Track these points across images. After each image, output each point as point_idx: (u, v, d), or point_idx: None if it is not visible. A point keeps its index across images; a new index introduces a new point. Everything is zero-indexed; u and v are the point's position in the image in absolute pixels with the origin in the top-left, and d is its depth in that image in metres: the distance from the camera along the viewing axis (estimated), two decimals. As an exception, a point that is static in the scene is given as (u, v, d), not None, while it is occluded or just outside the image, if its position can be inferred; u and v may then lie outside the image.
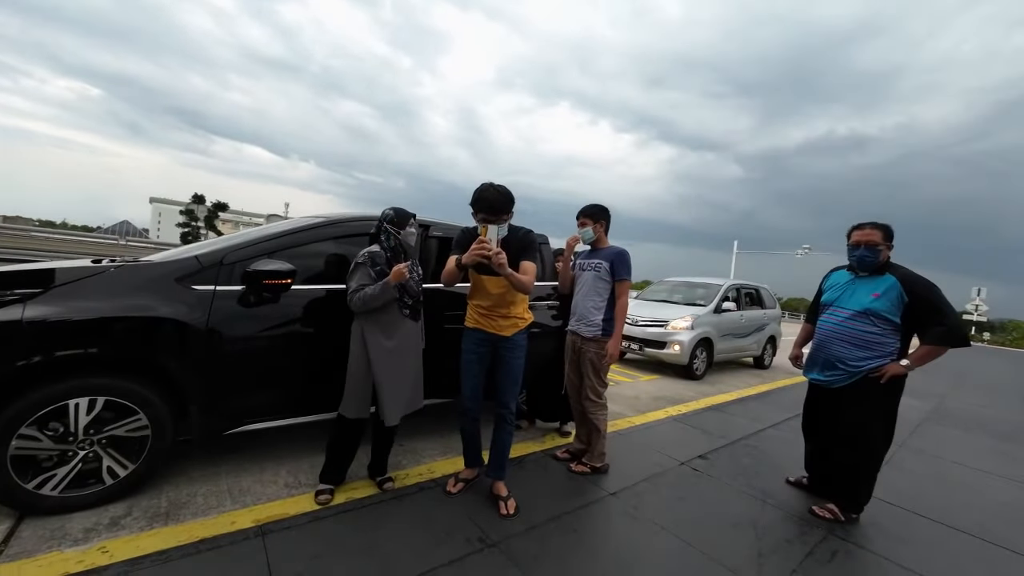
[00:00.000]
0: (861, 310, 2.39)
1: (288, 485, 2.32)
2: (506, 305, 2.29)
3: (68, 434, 1.89)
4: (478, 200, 2.18)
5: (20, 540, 1.71)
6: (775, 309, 8.60)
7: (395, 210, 2.33)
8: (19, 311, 1.81)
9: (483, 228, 2.05)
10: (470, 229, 2.37)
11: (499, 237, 2.06)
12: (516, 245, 2.27)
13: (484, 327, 2.31)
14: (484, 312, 2.30)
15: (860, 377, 2.38)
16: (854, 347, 2.40)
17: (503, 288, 2.24)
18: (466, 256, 2.07)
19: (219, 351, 2.22)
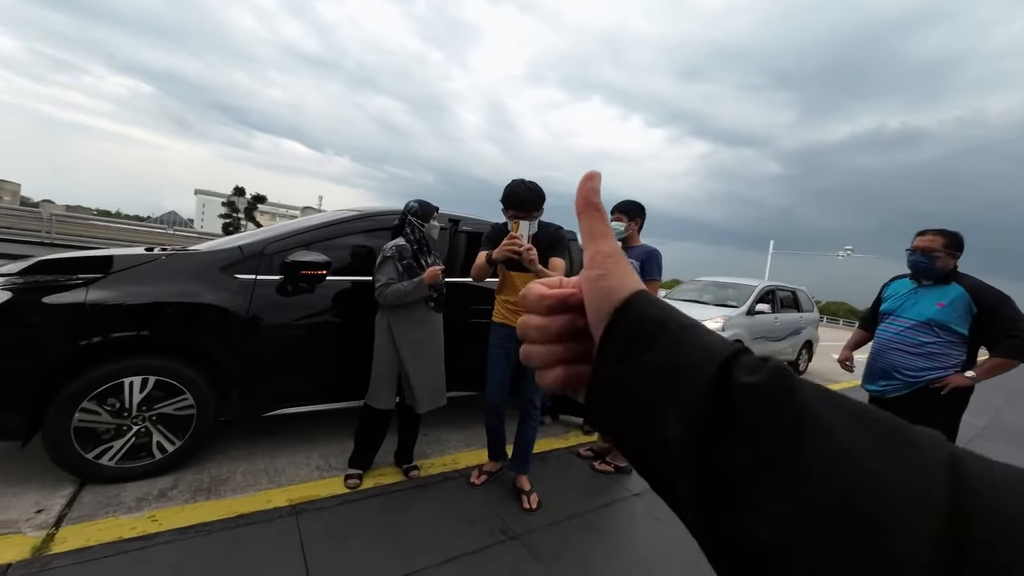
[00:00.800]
0: (924, 320, 2.26)
1: (319, 468, 2.41)
2: None
3: (123, 409, 2.04)
4: (509, 197, 2.18)
5: (81, 505, 1.86)
6: (812, 313, 8.23)
7: (419, 202, 2.36)
8: (83, 294, 1.96)
9: (514, 224, 2.06)
10: (500, 225, 2.38)
11: (530, 234, 2.07)
12: (545, 241, 2.27)
13: (512, 323, 2.33)
14: (512, 308, 2.32)
15: (919, 387, 2.26)
16: (914, 357, 2.28)
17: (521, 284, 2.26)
18: (496, 252, 2.09)
19: (258, 337, 2.33)
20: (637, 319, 0.27)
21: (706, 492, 0.22)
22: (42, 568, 1.46)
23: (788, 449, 0.20)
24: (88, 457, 1.97)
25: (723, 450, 0.22)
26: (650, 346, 0.26)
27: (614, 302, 0.28)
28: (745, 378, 0.22)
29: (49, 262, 2.10)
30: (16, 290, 1.93)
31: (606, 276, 0.29)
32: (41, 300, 1.92)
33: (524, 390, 2.36)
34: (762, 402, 0.22)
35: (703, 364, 0.23)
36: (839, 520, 0.18)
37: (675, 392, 0.24)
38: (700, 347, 0.24)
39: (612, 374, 0.27)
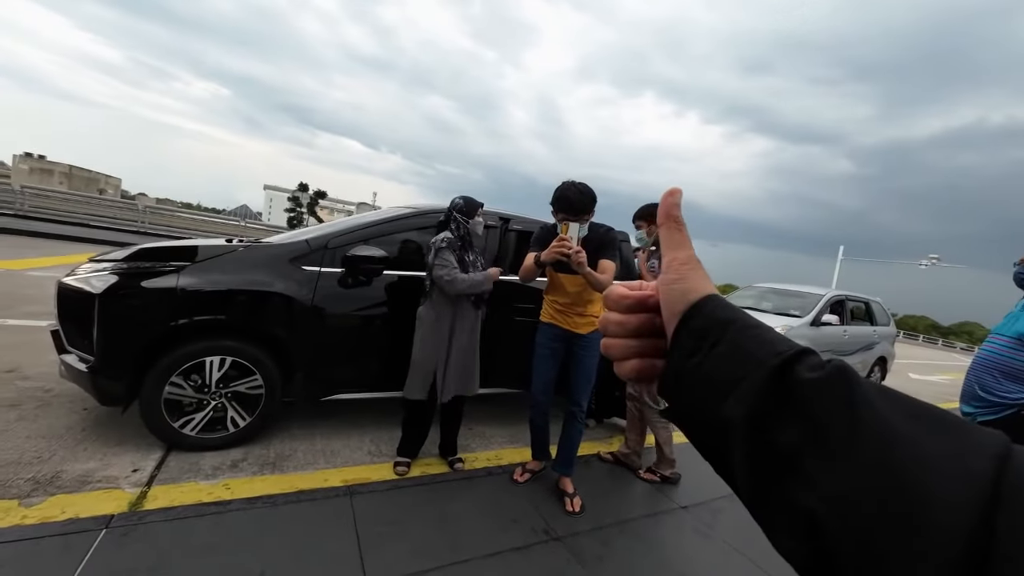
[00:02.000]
0: (1016, 336, 2.01)
1: (371, 453, 2.53)
2: (583, 303, 2.27)
3: (204, 385, 2.24)
4: (559, 199, 2.16)
5: (168, 468, 2.08)
6: (888, 327, 7.50)
7: (464, 199, 2.39)
8: (175, 280, 2.18)
9: (563, 226, 2.04)
10: (549, 226, 2.37)
11: (579, 236, 2.04)
12: (596, 243, 2.23)
13: (559, 323, 2.31)
14: (560, 309, 2.30)
15: (1011, 413, 2.01)
16: (1005, 378, 2.02)
17: (580, 286, 2.22)
18: (545, 254, 2.07)
19: (321, 325, 2.49)
20: (707, 317, 0.30)
21: (762, 468, 0.24)
22: (138, 521, 1.65)
23: (841, 431, 0.22)
24: (174, 426, 2.20)
25: (780, 431, 0.24)
26: (718, 341, 0.28)
27: (687, 302, 0.31)
28: (807, 374, 0.24)
29: (148, 250, 2.35)
30: (121, 274, 2.18)
31: (681, 280, 0.32)
32: (141, 284, 2.15)
33: (571, 391, 2.34)
34: (820, 393, 0.24)
35: (767, 358, 0.26)
36: (885, 493, 0.20)
37: (739, 380, 0.26)
38: (764, 343, 0.27)
39: (683, 365, 0.30)
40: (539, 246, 2.29)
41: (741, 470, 0.25)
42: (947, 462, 0.20)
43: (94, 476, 1.92)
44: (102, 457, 2.06)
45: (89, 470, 1.95)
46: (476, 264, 2.37)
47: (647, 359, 0.35)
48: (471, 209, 2.37)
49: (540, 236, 2.34)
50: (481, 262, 2.44)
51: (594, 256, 2.21)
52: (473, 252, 2.38)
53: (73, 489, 1.81)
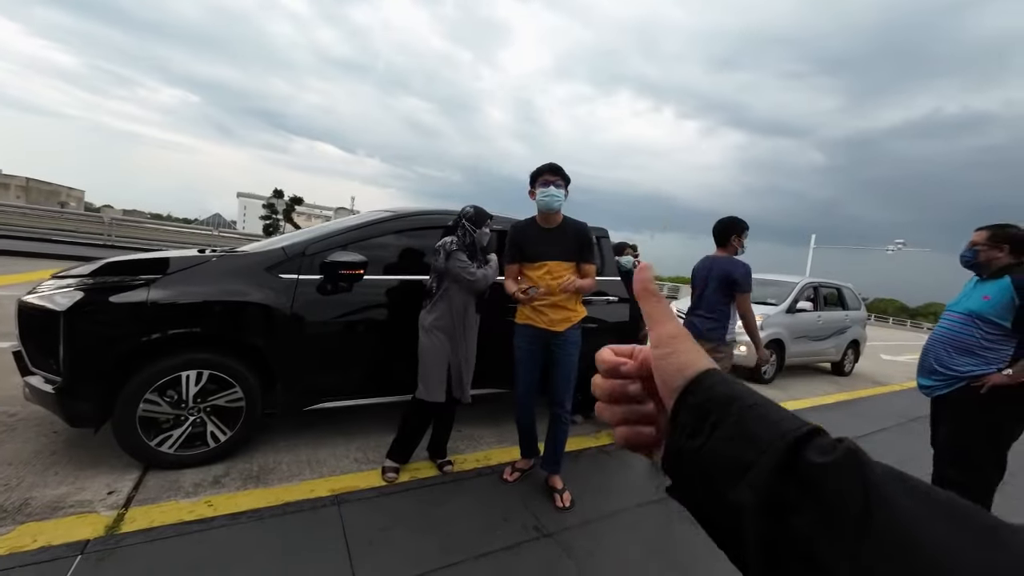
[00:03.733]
0: (966, 312, 2.13)
1: (358, 460, 2.50)
2: (563, 303, 2.30)
3: (181, 401, 2.18)
4: (541, 168, 2.29)
5: (146, 488, 2.01)
6: (859, 311, 7.79)
7: (475, 209, 2.43)
8: (145, 294, 2.11)
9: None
10: (521, 225, 2.40)
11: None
12: (575, 243, 2.30)
13: (535, 323, 2.32)
14: (535, 307, 2.31)
15: (961, 385, 2.12)
16: (957, 352, 2.14)
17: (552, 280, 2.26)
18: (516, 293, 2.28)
19: (301, 334, 2.44)
20: (707, 394, 0.29)
21: (775, 555, 0.24)
22: (116, 545, 1.59)
23: (857, 517, 0.22)
24: (151, 444, 2.12)
25: (793, 518, 0.23)
26: (720, 421, 0.28)
27: (684, 378, 0.30)
28: (818, 457, 0.24)
29: (115, 264, 2.27)
30: (87, 290, 2.10)
31: (674, 354, 0.32)
32: (109, 299, 2.07)
33: (553, 392, 2.36)
34: (832, 477, 0.23)
35: (774, 441, 0.25)
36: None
37: (747, 465, 0.26)
38: (770, 424, 0.27)
39: (684, 445, 0.29)
40: (516, 251, 2.36)
41: (754, 557, 0.25)
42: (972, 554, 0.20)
43: (67, 501, 1.84)
44: (74, 481, 1.98)
45: (61, 495, 1.87)
46: (485, 261, 2.44)
47: (635, 427, 0.35)
48: (480, 219, 2.40)
49: (516, 239, 2.38)
50: (492, 263, 2.50)
51: (574, 251, 2.28)
52: (477, 261, 2.40)
53: (44, 516, 1.73)
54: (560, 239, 2.33)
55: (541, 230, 2.35)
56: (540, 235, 2.34)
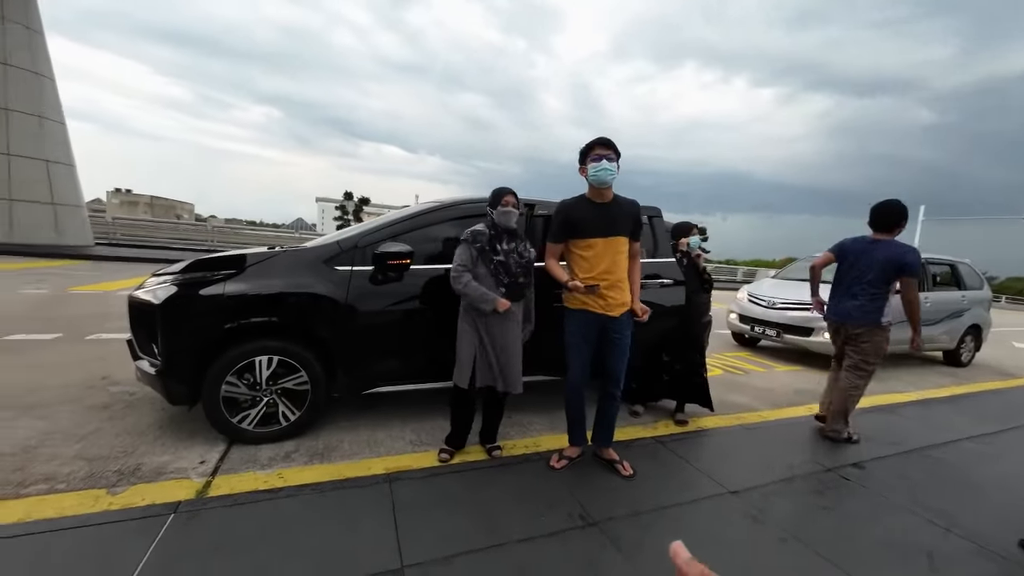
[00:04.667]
0: None
1: (412, 443, 2.62)
2: (619, 280, 2.22)
3: (256, 383, 2.42)
4: (592, 143, 2.21)
5: (230, 460, 2.27)
6: (981, 291, 6.61)
7: (493, 191, 2.40)
8: (222, 287, 2.36)
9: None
10: (570, 202, 2.32)
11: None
12: (627, 219, 2.26)
13: (591, 307, 2.26)
14: (602, 290, 2.24)
15: None
16: None
17: (613, 261, 2.23)
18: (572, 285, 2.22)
19: (356, 322, 2.59)
20: None
21: None
22: (202, 507, 1.81)
23: None
24: (233, 421, 2.39)
25: None
26: None
27: None
28: None
29: (201, 261, 2.56)
30: (179, 285, 2.39)
31: None
32: (197, 293, 2.35)
33: (609, 373, 2.32)
34: None
35: None
36: None
37: None
38: None
39: None
40: (564, 231, 2.28)
41: None
42: None
43: (168, 468, 2.13)
44: (175, 451, 2.29)
45: (164, 462, 2.17)
46: (514, 253, 2.33)
47: None
48: (495, 199, 2.37)
49: (565, 221, 2.29)
50: (526, 248, 2.40)
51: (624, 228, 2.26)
52: (511, 240, 2.35)
53: (151, 479, 2.03)
54: (614, 214, 2.25)
55: (593, 205, 2.27)
56: (593, 211, 2.26)
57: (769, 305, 5.84)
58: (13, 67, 11.30)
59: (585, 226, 2.24)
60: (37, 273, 7.86)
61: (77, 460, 2.13)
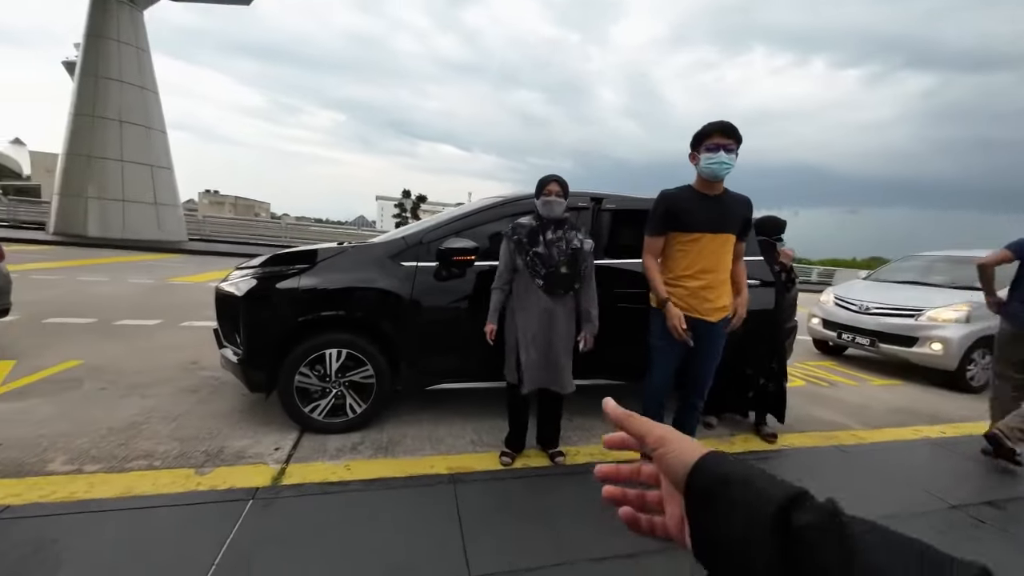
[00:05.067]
0: None
1: (473, 442, 2.57)
2: (718, 285, 2.04)
3: (326, 375, 2.48)
4: (709, 128, 1.95)
5: (302, 448, 2.34)
6: None
7: (539, 180, 2.28)
8: (297, 281, 2.44)
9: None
10: (674, 192, 2.13)
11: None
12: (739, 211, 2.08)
13: (691, 311, 2.08)
14: (690, 292, 2.07)
15: None
16: None
17: (719, 260, 2.04)
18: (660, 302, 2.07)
19: (420, 317, 2.58)
20: (706, 479, 0.35)
21: None
22: (276, 496, 1.87)
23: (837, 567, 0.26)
24: (305, 411, 2.47)
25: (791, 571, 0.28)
26: (721, 498, 0.33)
27: (686, 467, 0.36)
28: (801, 518, 0.29)
29: (278, 256, 2.67)
30: (259, 278, 2.51)
31: (672, 452, 0.37)
32: (274, 286, 2.45)
33: (694, 383, 2.15)
34: (815, 539, 0.28)
35: (763, 510, 0.31)
36: None
37: (747, 533, 0.31)
38: (759, 495, 0.32)
39: (701, 523, 0.35)
40: (664, 222, 2.09)
41: None
42: None
43: (247, 452, 2.24)
44: (253, 436, 2.41)
45: (244, 447, 2.28)
46: (560, 242, 2.17)
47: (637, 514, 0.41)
48: (539, 188, 2.25)
49: (668, 207, 2.09)
50: (575, 237, 2.21)
51: (736, 229, 2.08)
52: (557, 230, 2.20)
53: (232, 462, 2.13)
54: (723, 209, 2.06)
55: (701, 197, 2.08)
56: (700, 203, 2.06)
57: (861, 310, 5.19)
58: (127, 84, 12.85)
59: (690, 218, 2.05)
60: (143, 265, 8.86)
61: (171, 440, 2.29)
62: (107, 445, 2.19)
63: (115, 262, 8.86)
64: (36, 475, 1.91)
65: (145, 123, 13.30)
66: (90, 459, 2.06)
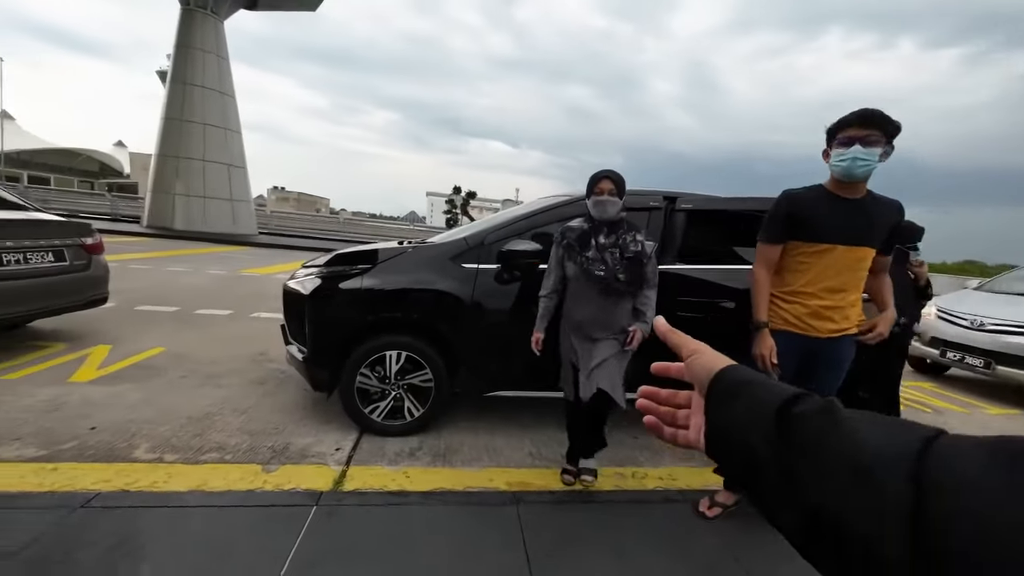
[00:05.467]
0: None
1: (532, 455, 2.44)
2: (849, 304, 1.73)
3: (386, 377, 2.45)
4: (848, 119, 1.60)
5: (361, 450, 2.32)
6: None
7: (590, 177, 2.06)
8: (360, 281, 2.42)
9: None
10: (799, 192, 1.78)
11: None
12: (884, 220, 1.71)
13: (805, 331, 1.76)
14: (812, 311, 1.75)
15: None
16: None
17: (853, 273, 1.71)
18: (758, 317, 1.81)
19: (481, 322, 2.48)
20: (727, 382, 0.41)
21: (779, 483, 0.34)
22: (337, 503, 1.84)
23: (823, 440, 0.32)
24: (365, 412, 2.46)
25: (785, 454, 0.34)
26: (736, 396, 0.39)
27: (710, 373, 0.42)
28: (797, 409, 0.35)
29: (341, 255, 2.68)
30: (324, 277, 2.52)
31: (701, 359, 0.45)
32: (339, 286, 2.45)
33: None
34: (809, 422, 0.34)
35: (770, 402, 0.36)
36: (851, 474, 0.29)
37: (755, 421, 0.36)
38: (770, 392, 0.37)
39: (715, 417, 0.41)
40: (788, 225, 1.76)
41: (767, 482, 0.35)
42: (888, 440, 0.29)
43: (310, 451, 2.25)
44: (316, 434, 2.43)
45: (307, 445, 2.30)
46: (613, 248, 1.92)
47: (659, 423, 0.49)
48: (589, 187, 1.98)
49: (789, 210, 1.75)
50: (633, 240, 1.93)
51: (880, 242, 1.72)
52: (611, 234, 1.94)
53: (296, 461, 2.15)
54: (863, 216, 1.68)
55: (835, 200, 1.71)
56: (834, 206, 1.70)
57: (974, 325, 4.49)
58: (208, 89, 13.96)
59: (818, 225, 1.71)
60: (219, 257, 9.58)
61: (241, 433, 2.36)
62: (185, 435, 2.29)
63: (196, 253, 9.65)
64: (123, 461, 2.01)
65: (223, 125, 14.39)
66: (170, 448, 2.16)
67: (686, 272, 2.61)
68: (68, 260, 3.30)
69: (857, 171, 1.59)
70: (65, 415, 2.37)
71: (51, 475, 1.85)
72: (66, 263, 3.28)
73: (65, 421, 2.31)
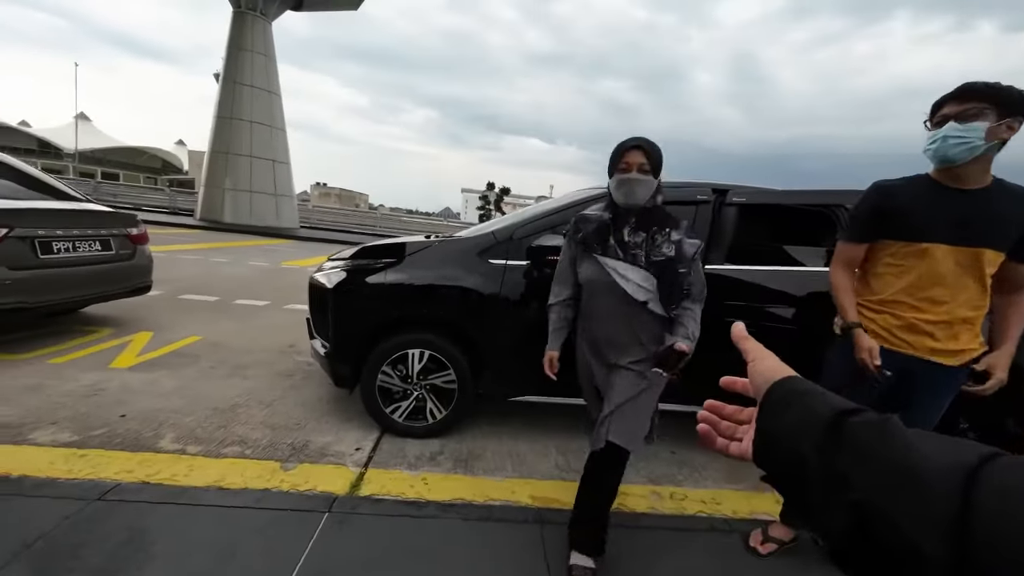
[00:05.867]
0: None
1: (558, 466, 2.27)
2: (959, 320, 1.37)
3: (408, 376, 2.35)
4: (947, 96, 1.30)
5: (381, 451, 2.24)
6: None
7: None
8: (384, 276, 2.33)
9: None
10: (897, 183, 1.45)
11: None
12: (1012, 214, 1.31)
13: (901, 347, 1.44)
14: (910, 323, 1.42)
15: None
16: None
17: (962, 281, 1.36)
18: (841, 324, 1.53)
19: (508, 322, 2.33)
20: (782, 392, 0.41)
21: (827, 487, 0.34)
22: (352, 511, 1.74)
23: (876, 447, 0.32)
24: (386, 411, 2.37)
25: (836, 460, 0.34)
26: (789, 406, 0.39)
27: (768, 382, 0.42)
28: (852, 419, 0.35)
29: (367, 248, 2.60)
30: (348, 271, 2.45)
31: (762, 367, 0.44)
32: (364, 280, 2.36)
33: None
34: (863, 430, 0.34)
35: (824, 413, 0.36)
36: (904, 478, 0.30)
37: (806, 431, 0.36)
38: (826, 403, 0.38)
39: (767, 425, 0.41)
40: (876, 221, 1.46)
41: (814, 487, 0.35)
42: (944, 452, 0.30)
43: (329, 449, 2.18)
44: (336, 432, 2.36)
45: (327, 443, 2.24)
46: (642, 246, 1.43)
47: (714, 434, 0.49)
48: (612, 161, 1.46)
49: (879, 203, 1.45)
50: (666, 240, 1.43)
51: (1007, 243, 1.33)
52: (639, 228, 1.44)
53: (315, 459, 2.08)
54: (980, 209, 1.33)
55: (940, 190, 1.37)
56: (938, 198, 1.37)
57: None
58: (256, 88, 14.56)
59: (915, 220, 1.39)
60: (262, 249, 9.96)
61: (263, 427, 2.33)
62: (209, 426, 2.28)
63: (241, 246, 10.07)
64: (148, 450, 2.01)
65: (270, 123, 14.99)
66: (194, 439, 2.15)
67: (736, 274, 2.35)
68: (114, 249, 3.43)
69: (951, 152, 1.27)
70: (102, 401, 2.43)
71: (79, 462, 1.87)
72: (112, 252, 3.41)
73: (101, 407, 2.36)
